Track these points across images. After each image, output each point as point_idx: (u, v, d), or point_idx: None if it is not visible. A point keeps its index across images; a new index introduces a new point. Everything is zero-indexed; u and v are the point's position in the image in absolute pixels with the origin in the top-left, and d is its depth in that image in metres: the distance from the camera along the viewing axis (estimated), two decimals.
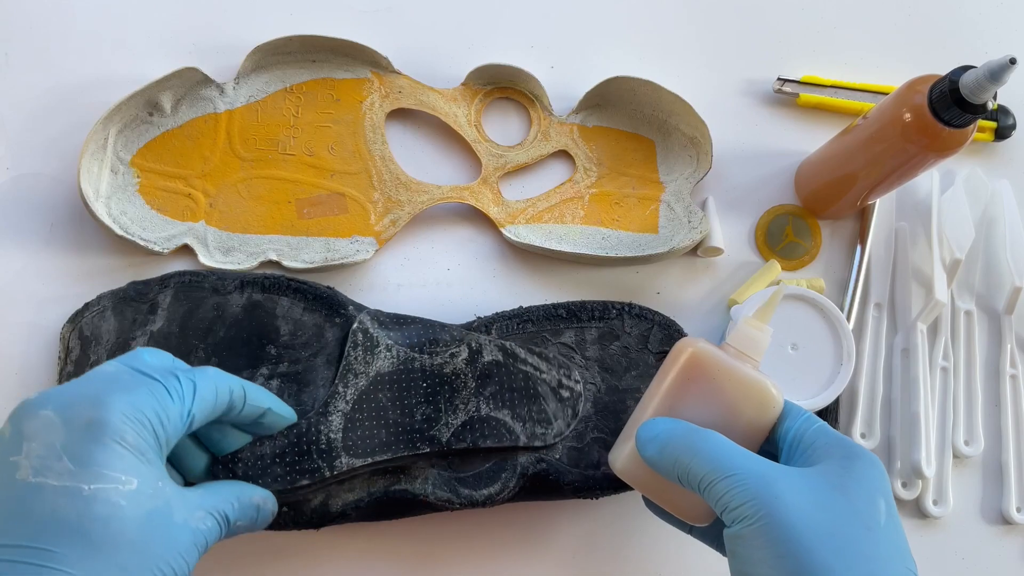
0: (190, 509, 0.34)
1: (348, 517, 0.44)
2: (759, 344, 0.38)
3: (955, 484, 0.54)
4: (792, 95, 0.57)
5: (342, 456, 0.42)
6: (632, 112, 0.55)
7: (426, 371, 0.44)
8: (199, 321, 0.46)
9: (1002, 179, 0.58)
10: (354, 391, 0.43)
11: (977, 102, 0.42)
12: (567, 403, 0.46)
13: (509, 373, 0.45)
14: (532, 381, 0.45)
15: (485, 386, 0.45)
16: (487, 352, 0.45)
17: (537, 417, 0.45)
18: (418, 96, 0.54)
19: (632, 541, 0.51)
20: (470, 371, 0.45)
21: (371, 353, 0.44)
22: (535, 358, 0.46)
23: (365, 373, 0.43)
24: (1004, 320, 0.56)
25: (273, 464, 0.41)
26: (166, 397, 0.34)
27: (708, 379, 0.38)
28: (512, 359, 0.45)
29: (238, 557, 0.48)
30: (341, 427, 0.42)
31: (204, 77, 0.51)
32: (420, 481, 0.44)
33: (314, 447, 0.42)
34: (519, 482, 0.45)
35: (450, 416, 0.44)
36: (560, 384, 0.46)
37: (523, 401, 0.45)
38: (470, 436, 0.44)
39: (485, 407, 0.44)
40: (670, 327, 0.50)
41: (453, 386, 0.44)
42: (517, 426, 0.44)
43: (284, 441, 0.41)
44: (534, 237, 0.53)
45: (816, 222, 0.56)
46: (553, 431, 0.45)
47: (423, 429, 0.43)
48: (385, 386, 0.44)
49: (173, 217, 0.51)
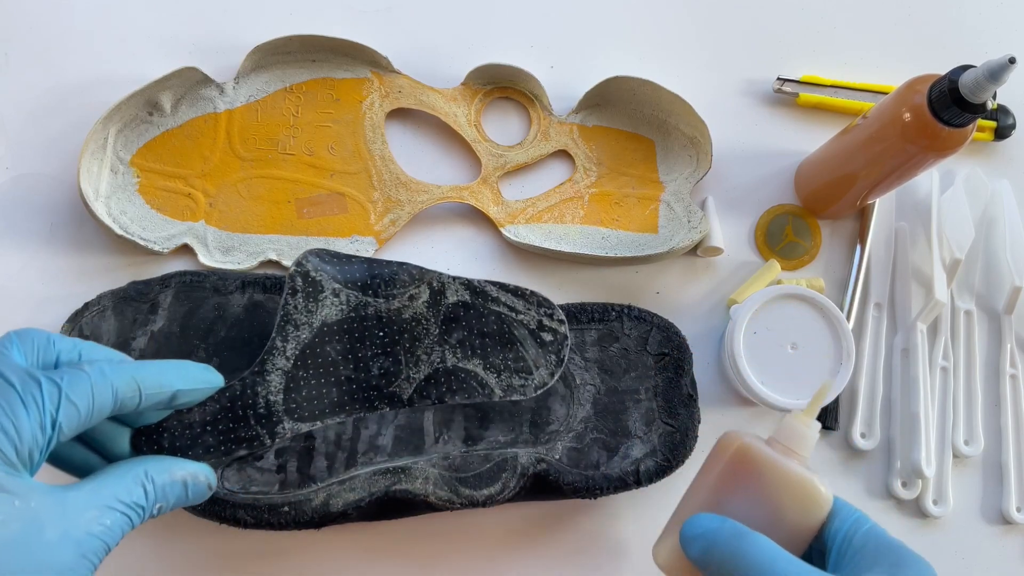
0: (72, 515, 0.30)
1: (349, 517, 0.44)
2: (807, 440, 0.37)
3: (955, 484, 0.54)
4: (792, 95, 0.57)
5: (284, 420, 0.36)
6: (632, 112, 0.55)
7: (381, 317, 0.38)
8: (200, 321, 0.46)
9: (1002, 179, 0.58)
10: (295, 345, 0.37)
11: (977, 102, 0.42)
12: (549, 348, 0.39)
13: (479, 315, 0.39)
14: (506, 324, 0.39)
15: (451, 332, 0.39)
16: (452, 292, 0.39)
17: (514, 366, 0.39)
18: (418, 96, 0.54)
19: (632, 541, 0.51)
20: (432, 315, 0.38)
21: (314, 300, 0.38)
22: (509, 296, 0.39)
23: (308, 323, 0.37)
24: (1004, 320, 0.56)
25: (204, 433, 0.36)
26: (19, 408, 0.30)
27: (755, 475, 0.37)
28: (482, 299, 0.39)
29: (238, 557, 0.48)
30: (282, 387, 0.37)
31: (204, 77, 0.51)
32: (421, 481, 0.44)
33: (251, 411, 0.36)
34: (519, 482, 0.45)
35: (411, 369, 0.38)
36: (540, 326, 0.39)
37: (496, 348, 0.39)
38: (435, 391, 0.38)
39: (452, 357, 0.38)
40: (668, 329, 0.50)
41: (414, 334, 0.38)
42: (490, 377, 0.39)
43: (215, 406, 0.36)
44: (534, 237, 0.53)
45: (816, 222, 0.56)
46: (534, 381, 0.39)
47: (381, 385, 0.38)
48: (333, 337, 0.38)
49: (173, 217, 0.51)
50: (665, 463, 0.47)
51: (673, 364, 0.49)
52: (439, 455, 0.46)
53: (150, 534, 0.48)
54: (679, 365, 0.49)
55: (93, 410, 0.32)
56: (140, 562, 0.48)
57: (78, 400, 0.31)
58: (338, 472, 0.45)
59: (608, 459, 0.47)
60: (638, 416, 0.48)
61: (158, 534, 0.48)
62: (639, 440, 0.48)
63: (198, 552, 0.48)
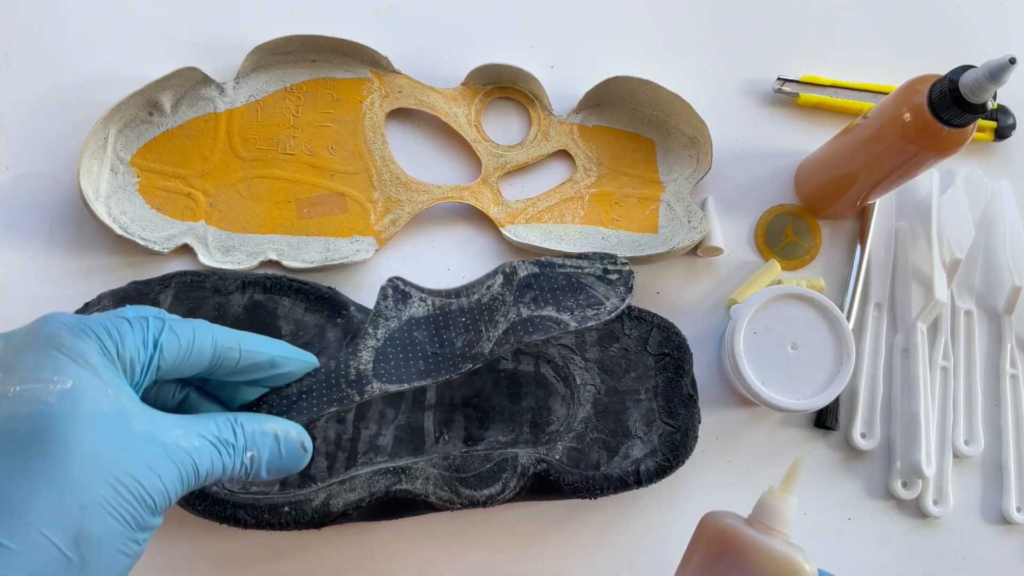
0: (160, 425, 0.31)
1: (349, 517, 0.44)
2: (785, 516, 0.37)
3: (955, 484, 0.54)
4: (792, 95, 0.57)
5: (373, 382, 0.39)
6: (632, 112, 0.55)
7: (463, 308, 0.41)
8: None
9: (1002, 179, 0.58)
10: (385, 331, 0.40)
11: (977, 102, 0.42)
12: (616, 282, 0.42)
13: (548, 278, 0.42)
14: (574, 277, 0.42)
15: (524, 295, 0.41)
16: (522, 269, 0.42)
17: (585, 303, 0.41)
18: (418, 96, 0.54)
19: (632, 541, 0.51)
20: (508, 291, 0.42)
21: (403, 303, 0.41)
22: (574, 260, 0.43)
23: (397, 317, 0.41)
24: (1004, 320, 0.56)
25: (299, 400, 0.38)
26: (122, 322, 0.32)
27: (738, 558, 0.37)
28: (550, 268, 0.42)
29: (238, 557, 0.48)
30: (371, 360, 0.39)
31: (204, 77, 0.51)
32: (421, 481, 0.44)
33: (343, 379, 0.39)
34: (520, 482, 0.45)
35: (491, 332, 0.41)
36: (606, 271, 0.43)
37: (567, 295, 0.41)
38: (512, 337, 0.40)
39: (526, 310, 0.41)
40: (669, 329, 0.50)
41: (492, 308, 0.41)
42: (564, 315, 0.41)
43: (311, 380, 0.39)
44: (534, 237, 0.53)
45: (816, 222, 0.56)
46: (607, 308, 0.41)
47: (464, 353, 0.40)
48: (420, 326, 0.41)
49: (173, 217, 0.51)
50: (665, 463, 0.47)
51: (673, 364, 0.49)
52: (439, 455, 0.46)
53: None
54: (679, 365, 0.49)
55: (193, 348, 0.34)
56: (140, 561, 0.48)
57: (180, 333, 0.33)
58: (338, 472, 0.45)
59: (608, 459, 0.47)
60: (638, 416, 0.48)
61: (158, 534, 0.48)
62: (639, 440, 0.48)
63: (198, 552, 0.48)
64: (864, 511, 0.53)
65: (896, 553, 0.53)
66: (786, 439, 0.53)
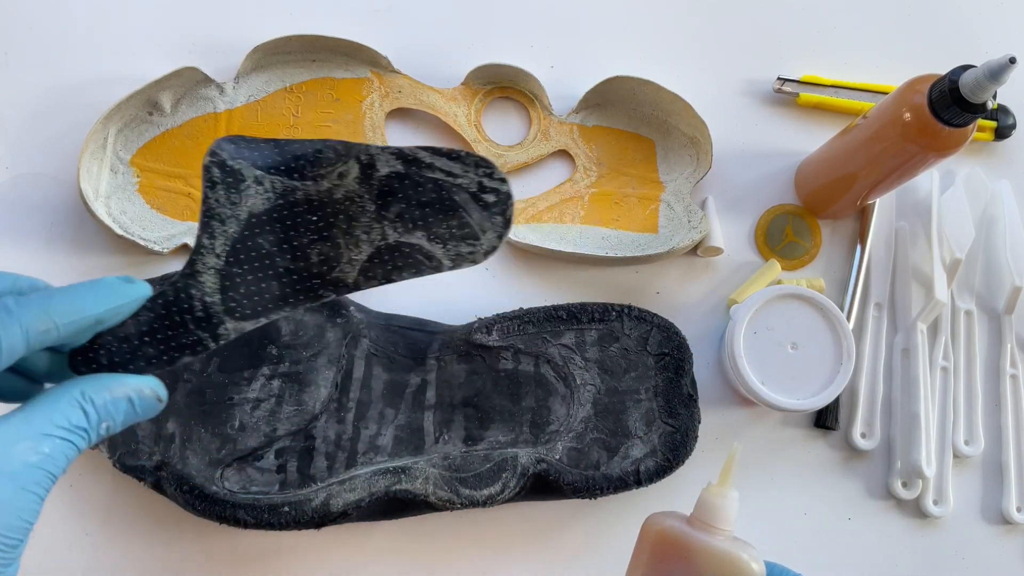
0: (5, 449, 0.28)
1: (349, 517, 0.44)
2: (726, 512, 0.37)
3: (955, 484, 0.54)
4: (792, 95, 0.57)
5: (225, 321, 0.34)
6: (632, 112, 0.55)
7: (312, 201, 0.35)
8: None
9: (1002, 179, 0.58)
10: (224, 241, 0.34)
11: (977, 102, 0.42)
12: (493, 209, 0.36)
13: (415, 185, 0.36)
14: (445, 190, 0.36)
15: (388, 207, 0.36)
16: (383, 164, 0.36)
17: (459, 234, 0.36)
18: (418, 96, 0.54)
19: (632, 541, 0.51)
20: (366, 191, 0.36)
21: (236, 191, 0.35)
22: (444, 160, 0.36)
23: (234, 216, 0.35)
24: (1004, 320, 0.56)
25: (143, 345, 0.33)
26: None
27: (681, 560, 0.36)
28: (416, 167, 0.36)
29: (238, 557, 0.48)
30: (217, 287, 0.34)
31: (204, 77, 0.51)
32: (421, 481, 0.44)
33: (188, 316, 0.34)
34: (519, 482, 0.45)
35: (352, 251, 0.36)
36: (481, 187, 0.36)
37: (438, 217, 0.36)
38: (380, 270, 0.36)
39: (392, 232, 0.36)
40: (669, 329, 0.50)
41: (349, 213, 0.36)
42: (436, 249, 0.36)
43: (150, 315, 0.33)
44: (534, 237, 0.53)
45: (816, 222, 0.56)
46: (482, 247, 0.36)
47: (323, 272, 0.35)
48: (264, 228, 0.35)
49: (173, 216, 0.51)
50: (665, 463, 0.47)
51: (673, 364, 0.49)
52: (439, 455, 0.46)
53: (150, 534, 0.48)
54: (679, 365, 0.49)
55: (1, 354, 0.29)
56: (140, 562, 0.48)
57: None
58: (338, 472, 0.45)
59: (608, 459, 0.47)
60: (638, 416, 0.48)
61: (158, 534, 0.48)
62: (639, 440, 0.48)
63: (198, 552, 0.48)
64: (864, 511, 0.53)
65: (896, 553, 0.53)
66: (786, 439, 0.53)
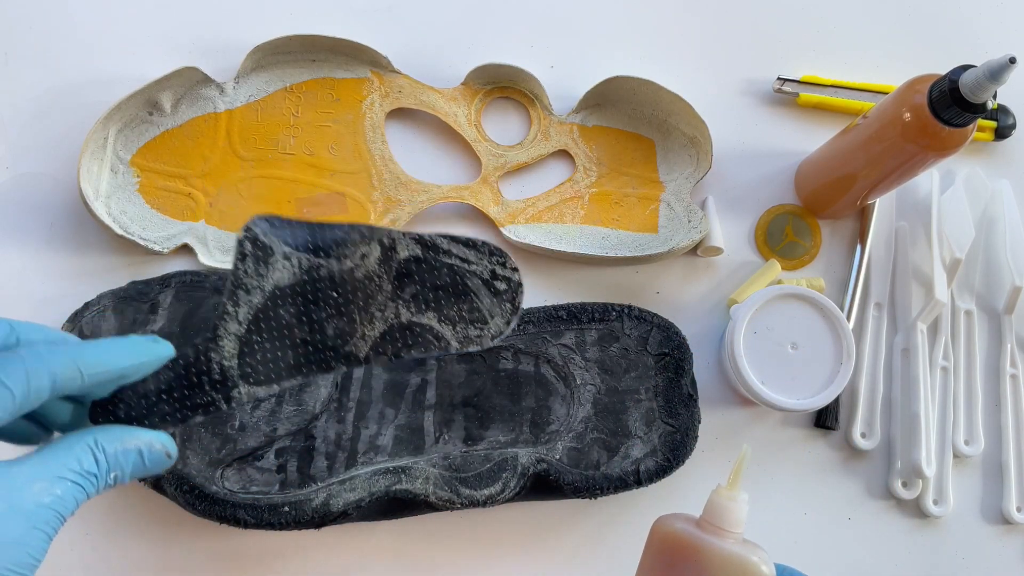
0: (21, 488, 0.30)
1: (349, 517, 0.44)
2: (735, 515, 0.36)
3: (955, 484, 0.54)
4: (792, 95, 0.57)
5: (240, 385, 0.36)
6: (632, 112, 0.55)
7: (334, 278, 0.37)
8: (200, 321, 0.46)
9: (1002, 179, 0.58)
10: (248, 310, 0.36)
11: (977, 102, 0.42)
12: (503, 296, 0.38)
13: (431, 269, 0.38)
14: (459, 275, 0.38)
15: (404, 287, 0.38)
16: (403, 247, 0.38)
17: (469, 317, 0.38)
18: (418, 96, 0.54)
19: (632, 541, 0.51)
20: (384, 272, 0.38)
21: (264, 264, 0.37)
22: (460, 247, 0.38)
23: (260, 288, 0.37)
24: (1004, 320, 0.56)
25: (160, 402, 0.35)
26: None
27: (691, 563, 0.36)
28: (433, 252, 0.38)
29: (238, 557, 0.48)
30: (236, 352, 0.36)
31: (204, 77, 0.51)
32: (421, 481, 0.44)
33: (205, 378, 0.36)
34: (519, 482, 0.45)
35: (366, 327, 0.37)
36: (494, 275, 0.39)
37: (450, 300, 0.38)
38: (391, 347, 0.38)
39: (406, 311, 0.38)
40: (669, 329, 0.50)
41: (367, 291, 0.38)
42: (446, 330, 0.38)
43: (170, 374, 0.35)
44: (534, 237, 0.53)
45: (816, 222, 0.56)
46: (490, 330, 0.38)
47: (336, 346, 0.37)
48: (287, 300, 0.37)
49: (173, 216, 0.51)
50: (665, 463, 0.47)
51: (673, 364, 0.49)
52: (439, 455, 0.46)
53: (150, 534, 0.48)
54: (679, 365, 0.49)
55: (29, 394, 0.31)
56: (140, 562, 0.48)
57: (13, 385, 0.31)
58: (338, 472, 0.45)
59: (608, 459, 0.47)
60: (638, 416, 0.48)
61: (158, 534, 0.48)
62: (639, 440, 0.48)
63: (198, 552, 0.48)
64: (864, 511, 0.53)
65: (896, 553, 0.53)
66: (786, 439, 0.53)
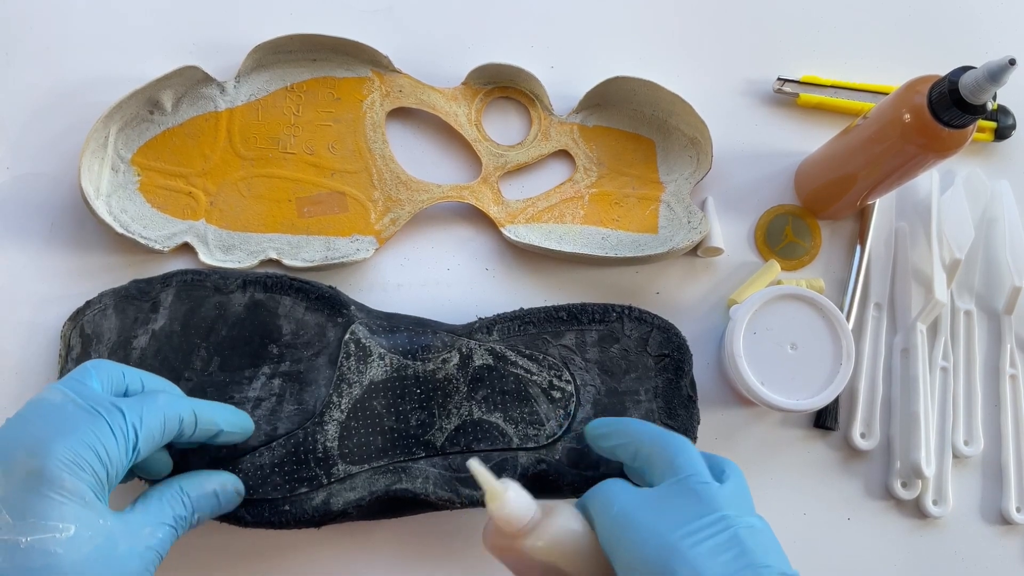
0: (135, 532, 0.35)
1: (349, 516, 0.44)
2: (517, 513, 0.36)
3: (955, 484, 0.54)
4: (792, 95, 0.57)
5: (339, 464, 0.43)
6: (632, 112, 0.55)
7: (419, 378, 0.45)
8: (201, 320, 0.46)
9: (1002, 179, 0.58)
10: (348, 400, 0.44)
11: (977, 103, 0.42)
12: (558, 403, 0.46)
13: (500, 376, 0.46)
14: (523, 383, 0.46)
15: (477, 390, 0.46)
16: (478, 357, 0.46)
17: (529, 419, 0.46)
18: (419, 95, 0.54)
19: None
20: (462, 376, 0.46)
21: (364, 363, 0.45)
22: (526, 360, 0.47)
23: (359, 382, 0.45)
24: (1004, 320, 0.56)
25: (272, 474, 0.43)
26: (109, 437, 0.34)
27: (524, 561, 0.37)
28: (503, 362, 0.46)
29: (239, 556, 0.48)
30: (337, 435, 0.44)
31: (205, 75, 0.51)
32: (421, 480, 0.44)
33: (311, 456, 0.43)
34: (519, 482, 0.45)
35: (444, 420, 0.45)
36: (551, 385, 0.46)
37: (515, 403, 0.46)
38: (463, 440, 0.45)
39: (478, 411, 0.45)
40: (669, 330, 0.50)
41: (446, 391, 0.45)
42: (510, 428, 0.45)
43: (282, 451, 0.43)
44: (534, 237, 0.53)
45: (816, 222, 0.56)
46: (546, 431, 0.46)
47: (418, 434, 0.45)
48: (379, 393, 0.45)
49: (174, 215, 0.51)
50: None
51: (673, 365, 0.49)
52: (439, 455, 0.46)
53: None
54: (679, 366, 0.49)
55: (164, 436, 0.37)
56: None
57: (154, 428, 0.36)
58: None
59: (608, 460, 0.47)
60: (638, 417, 0.48)
61: None
62: None
63: (198, 551, 0.48)
64: (864, 511, 0.53)
65: (896, 553, 0.53)
66: (786, 439, 0.53)
